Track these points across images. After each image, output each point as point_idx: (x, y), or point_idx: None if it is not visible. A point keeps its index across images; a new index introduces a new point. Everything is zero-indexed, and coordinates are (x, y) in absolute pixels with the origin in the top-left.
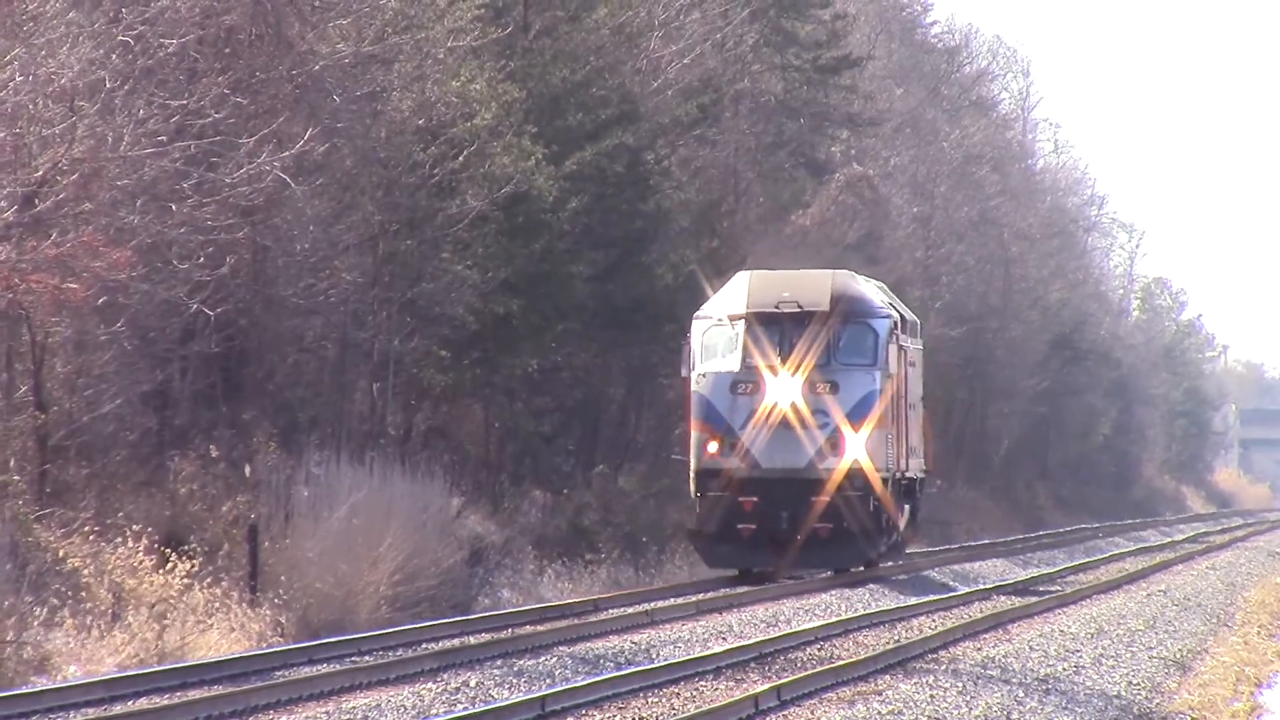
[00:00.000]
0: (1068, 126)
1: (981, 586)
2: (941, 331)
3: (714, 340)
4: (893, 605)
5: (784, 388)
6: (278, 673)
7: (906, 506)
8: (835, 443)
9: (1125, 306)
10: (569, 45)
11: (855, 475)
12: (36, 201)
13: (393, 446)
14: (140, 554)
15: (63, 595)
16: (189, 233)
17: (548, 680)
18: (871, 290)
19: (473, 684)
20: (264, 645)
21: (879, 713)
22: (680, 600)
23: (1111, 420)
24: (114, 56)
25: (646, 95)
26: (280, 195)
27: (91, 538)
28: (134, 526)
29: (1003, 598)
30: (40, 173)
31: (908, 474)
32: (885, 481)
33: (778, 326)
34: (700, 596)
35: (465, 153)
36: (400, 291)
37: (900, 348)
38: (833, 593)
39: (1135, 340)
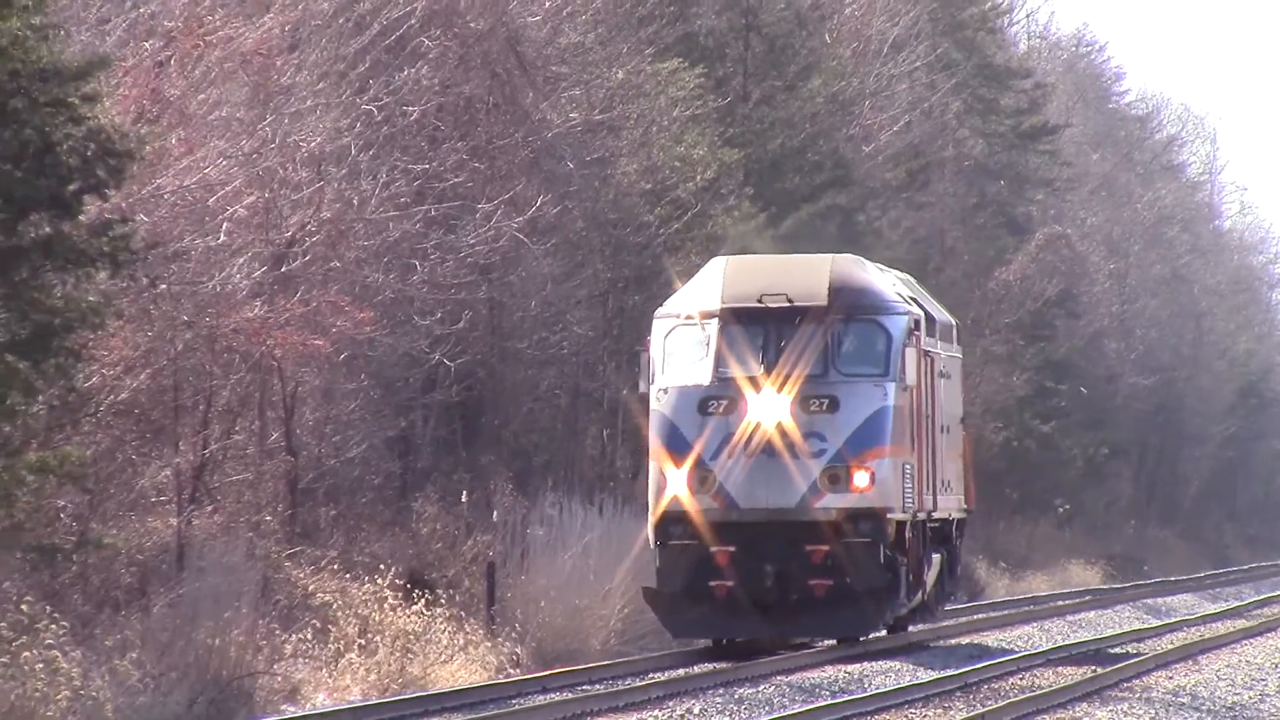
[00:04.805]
0: (1253, 188)
1: (1172, 619)
2: (1135, 381)
3: (680, 345)
4: (1089, 636)
5: (768, 405)
6: (513, 701)
7: (936, 556)
8: (835, 475)
9: None
10: (786, 113)
11: (861, 517)
12: (286, 261)
13: (622, 488)
14: (385, 589)
15: (312, 628)
16: (429, 290)
17: (766, 708)
18: (884, 281)
19: (696, 711)
20: (501, 675)
21: None
22: None
23: None
24: (359, 124)
25: (859, 160)
26: (515, 254)
27: (339, 574)
28: (379, 564)
29: (1194, 629)
30: (290, 234)
31: (936, 514)
32: (903, 525)
33: (760, 326)
34: (912, 629)
35: (689, 214)
36: (629, 344)
37: (924, 353)
38: (1033, 624)
39: None
